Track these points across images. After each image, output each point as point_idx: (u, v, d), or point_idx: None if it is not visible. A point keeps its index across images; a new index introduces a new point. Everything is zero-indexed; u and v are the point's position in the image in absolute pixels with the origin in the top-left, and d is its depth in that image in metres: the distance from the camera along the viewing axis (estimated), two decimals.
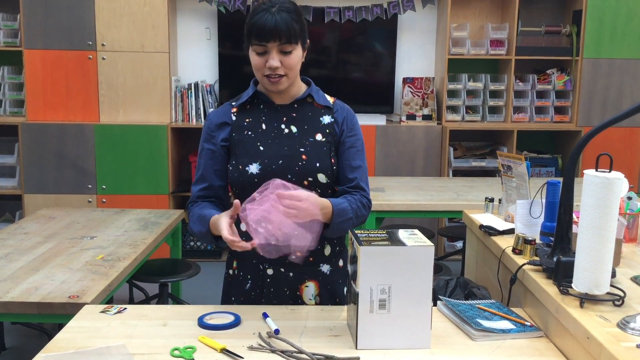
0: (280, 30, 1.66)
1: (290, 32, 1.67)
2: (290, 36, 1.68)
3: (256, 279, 1.83)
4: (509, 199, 2.35)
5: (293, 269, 1.80)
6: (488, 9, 5.05)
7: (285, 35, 1.67)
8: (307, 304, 1.83)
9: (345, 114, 1.84)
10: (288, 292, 1.82)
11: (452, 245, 4.99)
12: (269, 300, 1.82)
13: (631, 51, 4.72)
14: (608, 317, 1.44)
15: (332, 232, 1.72)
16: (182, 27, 4.99)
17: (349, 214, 1.72)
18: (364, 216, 1.80)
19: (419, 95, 4.94)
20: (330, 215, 1.68)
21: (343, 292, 1.88)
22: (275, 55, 1.69)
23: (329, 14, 4.74)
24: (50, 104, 4.62)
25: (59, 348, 1.52)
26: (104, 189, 4.64)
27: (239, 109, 1.83)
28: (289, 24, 1.67)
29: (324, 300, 1.85)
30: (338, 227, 1.71)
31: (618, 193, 1.46)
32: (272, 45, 1.68)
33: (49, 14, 4.50)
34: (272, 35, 1.66)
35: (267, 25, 1.66)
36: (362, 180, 1.82)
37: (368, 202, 1.82)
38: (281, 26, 1.66)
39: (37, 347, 1.61)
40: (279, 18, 1.66)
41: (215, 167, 1.82)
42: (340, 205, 1.71)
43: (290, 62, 1.71)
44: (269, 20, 1.66)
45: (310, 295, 1.84)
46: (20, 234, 3.00)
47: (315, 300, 1.84)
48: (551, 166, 4.97)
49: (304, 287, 1.83)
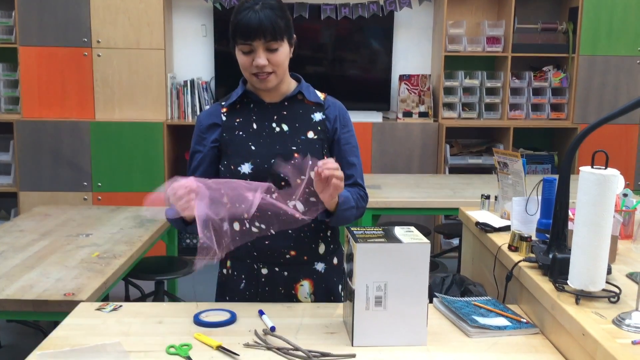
0: (265, 28, 1.64)
1: (275, 29, 1.66)
2: (275, 33, 1.66)
3: (251, 278, 1.82)
4: (505, 196, 2.36)
5: (287, 268, 1.80)
6: (484, 6, 5.05)
7: (270, 33, 1.65)
8: (303, 302, 1.83)
9: (338, 110, 1.84)
10: (283, 291, 1.82)
11: (448, 243, 5.00)
12: (264, 300, 1.81)
13: (627, 48, 4.72)
14: (603, 314, 1.44)
15: (337, 220, 1.73)
16: (177, 24, 4.97)
17: (351, 203, 1.74)
18: (363, 208, 1.81)
19: (416, 93, 4.94)
20: (335, 203, 1.68)
21: (338, 290, 1.88)
22: (262, 53, 1.68)
23: (325, 10, 4.74)
24: (46, 101, 4.60)
25: (54, 346, 1.52)
26: (99, 187, 4.63)
27: (229, 109, 1.82)
28: (273, 21, 1.66)
29: (319, 298, 1.84)
30: (343, 215, 1.72)
31: (614, 190, 1.46)
32: (258, 43, 1.67)
33: (44, 10, 4.48)
34: (256, 34, 1.65)
35: (252, 24, 1.64)
36: (358, 176, 1.83)
37: (365, 195, 1.84)
38: (265, 24, 1.64)
39: (32, 344, 1.60)
40: (262, 15, 1.65)
41: (205, 169, 1.81)
42: (343, 194, 1.70)
43: (277, 59, 1.70)
44: (252, 18, 1.65)
45: (306, 293, 1.83)
46: (15, 231, 2.99)
47: (310, 299, 1.84)
48: (547, 163, 4.97)
49: (298, 285, 1.83)
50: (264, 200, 1.59)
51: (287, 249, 1.77)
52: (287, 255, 1.77)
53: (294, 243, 1.77)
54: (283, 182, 1.71)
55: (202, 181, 1.59)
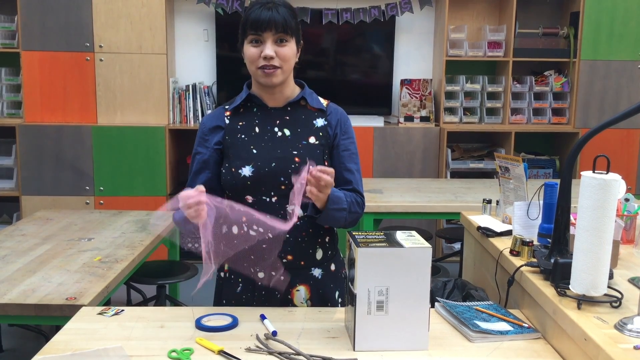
0: (276, 20, 1.68)
1: (286, 23, 1.70)
2: (286, 27, 1.70)
3: (247, 282, 1.83)
4: (507, 201, 2.36)
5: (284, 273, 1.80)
6: (485, 10, 5.06)
7: (281, 25, 1.69)
8: (299, 307, 1.83)
9: (339, 116, 1.84)
10: (279, 296, 1.82)
11: (449, 247, 4.99)
12: (260, 304, 1.81)
13: (628, 53, 4.73)
14: (605, 319, 1.44)
15: (325, 218, 1.70)
16: (179, 28, 4.98)
17: (343, 204, 1.71)
18: (357, 213, 1.79)
19: (417, 97, 4.94)
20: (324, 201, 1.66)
21: (335, 296, 1.87)
22: (270, 45, 1.70)
23: (327, 15, 4.75)
24: (48, 105, 4.61)
25: (56, 350, 1.52)
26: (101, 191, 4.63)
27: (233, 112, 1.83)
28: (285, 16, 1.70)
29: (315, 304, 1.84)
30: (332, 215, 1.69)
31: (615, 195, 1.46)
32: (268, 35, 1.69)
33: (46, 15, 4.50)
34: (267, 25, 1.68)
35: (263, 16, 1.69)
36: (357, 184, 1.82)
37: (362, 202, 1.82)
38: (277, 17, 1.69)
39: (34, 349, 1.60)
40: (274, 11, 1.69)
41: (207, 173, 1.81)
42: (335, 193, 1.70)
43: (285, 53, 1.72)
44: (264, 12, 1.69)
45: (302, 299, 1.83)
46: (17, 235, 3.00)
47: (306, 304, 1.84)
48: (549, 168, 4.97)
49: (295, 290, 1.83)
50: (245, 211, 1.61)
51: (284, 254, 1.77)
52: (284, 260, 1.77)
53: (291, 248, 1.77)
54: (283, 187, 1.72)
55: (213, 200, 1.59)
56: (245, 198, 1.75)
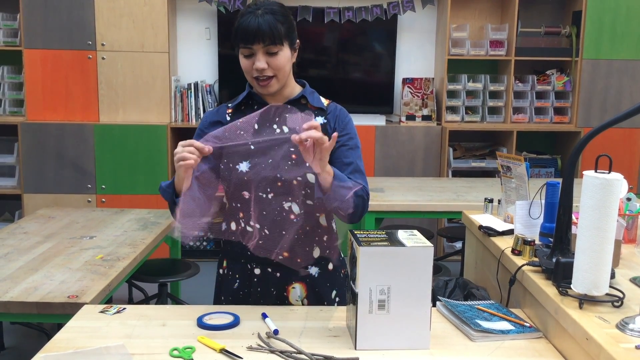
0: (264, 32, 1.67)
1: (273, 33, 1.68)
2: (274, 37, 1.68)
3: (244, 278, 1.84)
4: (509, 200, 2.35)
5: (280, 269, 1.80)
6: (488, 9, 5.05)
7: (268, 37, 1.68)
8: (294, 305, 1.83)
9: (337, 113, 1.84)
10: (275, 293, 1.82)
11: (451, 246, 4.99)
12: (256, 300, 1.82)
13: (630, 52, 4.72)
14: (607, 318, 1.44)
15: (333, 197, 1.64)
16: (181, 27, 4.99)
17: (348, 183, 1.66)
18: (362, 199, 1.72)
19: (419, 96, 4.94)
20: (330, 178, 1.62)
21: (331, 296, 1.87)
22: (261, 57, 1.70)
23: (329, 14, 4.75)
24: (50, 103, 4.62)
25: (58, 348, 1.52)
26: (103, 189, 4.64)
27: (234, 109, 1.85)
28: (272, 25, 1.68)
29: (311, 303, 1.84)
30: (339, 192, 1.63)
31: (617, 194, 1.46)
32: (257, 47, 1.69)
33: (48, 13, 4.50)
34: (255, 38, 1.68)
35: (250, 28, 1.68)
36: (357, 177, 1.78)
37: (365, 192, 1.75)
38: (264, 28, 1.67)
39: (36, 347, 1.61)
40: (262, 20, 1.68)
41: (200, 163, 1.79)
42: (338, 172, 1.66)
43: (277, 63, 1.71)
44: (252, 22, 1.68)
45: (297, 296, 1.83)
46: (19, 233, 3.00)
47: (302, 303, 1.84)
48: (550, 167, 4.97)
49: (290, 288, 1.83)
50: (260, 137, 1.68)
51: (280, 250, 1.76)
52: (280, 257, 1.77)
53: (287, 244, 1.77)
54: (279, 183, 1.72)
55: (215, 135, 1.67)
56: (242, 194, 1.76)
